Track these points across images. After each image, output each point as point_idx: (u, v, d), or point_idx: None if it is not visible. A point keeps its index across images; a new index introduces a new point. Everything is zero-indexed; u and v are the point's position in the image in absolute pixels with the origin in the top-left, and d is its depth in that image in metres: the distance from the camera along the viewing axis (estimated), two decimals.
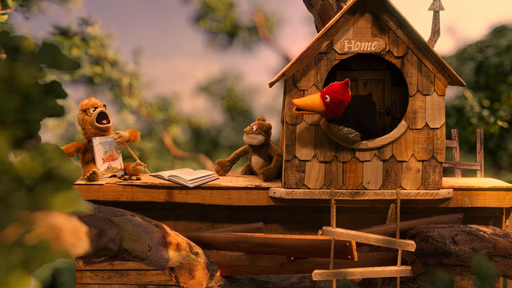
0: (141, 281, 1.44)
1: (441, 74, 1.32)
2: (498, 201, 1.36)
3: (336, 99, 1.18)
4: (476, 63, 3.35)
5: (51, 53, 0.58)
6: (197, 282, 1.21)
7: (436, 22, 1.34)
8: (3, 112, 0.52)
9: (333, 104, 1.18)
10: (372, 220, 1.39)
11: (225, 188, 1.37)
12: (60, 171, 0.50)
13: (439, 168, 1.33)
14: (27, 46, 0.55)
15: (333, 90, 1.20)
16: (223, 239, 1.30)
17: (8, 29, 0.53)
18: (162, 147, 4.18)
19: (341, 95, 1.19)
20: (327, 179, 1.33)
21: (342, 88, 1.20)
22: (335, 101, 1.18)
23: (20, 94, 0.54)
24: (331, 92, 1.20)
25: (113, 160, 1.49)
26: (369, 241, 1.23)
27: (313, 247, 1.26)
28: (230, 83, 6.37)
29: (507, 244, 1.11)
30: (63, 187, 0.50)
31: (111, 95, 3.67)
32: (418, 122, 1.33)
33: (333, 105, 1.18)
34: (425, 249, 1.23)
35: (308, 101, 1.19)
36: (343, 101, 1.20)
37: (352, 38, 1.30)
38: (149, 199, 1.37)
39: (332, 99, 1.18)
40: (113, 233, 0.87)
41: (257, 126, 1.47)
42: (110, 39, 3.43)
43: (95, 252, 0.80)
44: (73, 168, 0.51)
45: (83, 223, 0.75)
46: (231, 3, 5.46)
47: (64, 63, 0.59)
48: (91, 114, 1.46)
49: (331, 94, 1.19)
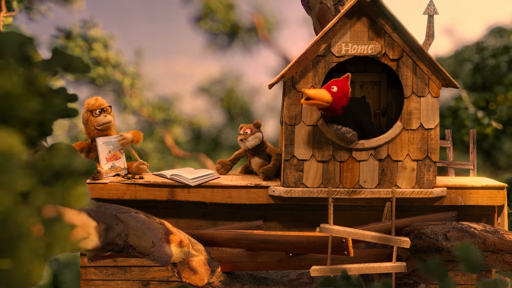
0: (144, 277, 1.48)
1: (435, 77, 1.36)
2: (490, 199, 1.40)
3: (342, 88, 1.27)
4: (473, 64, 3.39)
5: (65, 58, 0.62)
6: (199, 277, 1.25)
7: (430, 25, 1.38)
8: (21, 112, 0.56)
9: (340, 93, 1.26)
10: (368, 218, 1.43)
11: (225, 187, 1.41)
12: (75, 166, 0.54)
13: (433, 167, 1.37)
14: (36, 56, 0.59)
15: (338, 82, 1.29)
16: (224, 236, 1.34)
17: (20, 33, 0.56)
18: (163, 147, 4.22)
19: (346, 87, 1.28)
20: (325, 178, 1.37)
21: (345, 82, 1.29)
22: (342, 91, 1.26)
23: (38, 96, 0.58)
24: (337, 83, 1.28)
25: (116, 160, 1.52)
26: (366, 238, 1.27)
27: (311, 243, 1.30)
28: (230, 84, 6.41)
29: (496, 240, 1.15)
30: (78, 182, 0.54)
31: (113, 96, 3.70)
32: (413, 123, 1.37)
33: (340, 94, 1.26)
34: (419, 245, 1.27)
35: (318, 91, 1.26)
36: (347, 92, 1.28)
37: (349, 41, 1.35)
38: (152, 197, 1.41)
39: (339, 88, 1.26)
40: (120, 229, 0.91)
41: (249, 128, 1.51)
42: (113, 40, 3.47)
43: (103, 247, 0.84)
44: (86, 162, 0.55)
45: (92, 219, 0.79)
46: (231, 4, 5.50)
47: (77, 67, 0.63)
48: (97, 115, 1.49)
49: (338, 84, 1.28)
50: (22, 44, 0.56)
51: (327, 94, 1.25)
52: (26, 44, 0.56)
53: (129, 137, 1.51)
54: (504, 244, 1.14)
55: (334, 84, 1.27)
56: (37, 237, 0.49)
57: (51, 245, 0.47)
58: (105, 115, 1.49)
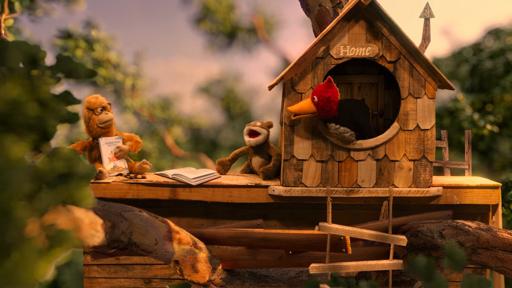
0: (146, 275, 1.51)
1: (432, 78, 1.39)
2: (485, 198, 1.43)
3: (322, 97, 1.27)
4: (471, 66, 3.42)
5: (68, 64, 0.65)
6: (200, 275, 1.27)
7: (426, 28, 1.41)
8: (26, 118, 0.58)
9: (321, 102, 1.27)
10: (366, 217, 1.46)
11: (226, 186, 1.43)
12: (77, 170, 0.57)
13: (430, 167, 1.40)
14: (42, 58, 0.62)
15: (318, 90, 1.30)
16: (225, 235, 1.37)
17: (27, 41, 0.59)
18: (164, 147, 4.24)
19: (326, 92, 1.28)
20: (324, 178, 1.40)
21: (326, 86, 1.29)
22: (323, 99, 1.27)
23: (40, 102, 0.60)
24: (316, 92, 1.30)
25: (118, 160, 1.55)
26: (363, 236, 1.30)
27: (310, 242, 1.32)
28: (229, 84, 6.43)
29: (489, 237, 1.18)
30: (81, 184, 0.56)
31: (114, 96, 3.72)
32: (410, 123, 1.40)
33: (322, 103, 1.27)
34: (415, 243, 1.30)
35: (301, 105, 1.28)
36: (329, 98, 1.28)
37: (347, 44, 1.38)
38: (154, 196, 1.43)
39: (319, 97, 1.27)
40: (124, 226, 0.93)
41: (260, 122, 1.54)
42: (114, 41, 3.49)
43: (109, 244, 0.87)
44: (88, 167, 0.57)
45: (99, 217, 0.82)
46: (230, 5, 5.53)
47: (81, 73, 0.66)
48: (98, 113, 1.50)
49: (317, 94, 1.29)
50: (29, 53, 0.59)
51: (310, 105, 1.28)
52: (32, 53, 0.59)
53: (125, 149, 1.53)
54: (497, 241, 1.17)
55: (315, 94, 1.29)
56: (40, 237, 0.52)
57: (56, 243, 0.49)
58: (106, 112, 1.51)
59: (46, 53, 0.60)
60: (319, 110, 1.28)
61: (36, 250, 0.49)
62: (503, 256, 1.15)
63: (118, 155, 1.51)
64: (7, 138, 0.49)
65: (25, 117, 0.57)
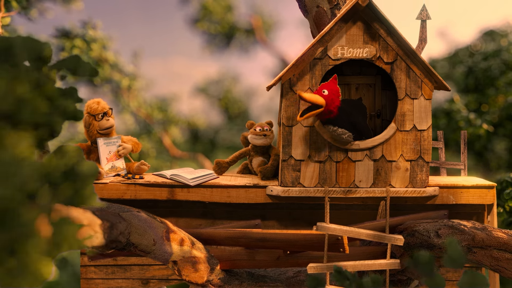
0: (144, 276, 1.50)
1: (428, 79, 1.41)
2: (481, 198, 1.44)
3: (332, 90, 1.31)
4: (466, 67, 3.46)
5: (74, 61, 0.65)
6: (199, 275, 1.27)
7: (423, 30, 1.42)
8: (33, 115, 0.58)
9: (331, 95, 1.30)
10: (363, 217, 1.47)
11: (224, 187, 1.44)
12: (81, 168, 0.57)
13: (426, 167, 1.41)
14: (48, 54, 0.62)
15: (327, 85, 1.33)
16: (223, 235, 1.37)
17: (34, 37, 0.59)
18: (161, 147, 4.23)
19: (336, 87, 1.33)
20: (321, 178, 1.40)
21: (334, 82, 1.35)
22: (333, 92, 1.30)
23: (47, 99, 0.60)
24: (326, 86, 1.33)
25: (116, 160, 1.55)
26: (361, 236, 1.31)
27: (308, 241, 1.33)
28: (227, 85, 6.43)
29: (484, 237, 1.20)
30: (85, 182, 0.56)
31: (111, 96, 3.71)
32: (407, 124, 1.41)
33: (332, 96, 1.30)
34: (412, 242, 1.31)
35: (312, 95, 1.30)
36: (337, 92, 1.33)
37: (345, 45, 1.39)
38: (152, 197, 1.43)
39: (330, 91, 1.31)
40: (123, 227, 0.93)
41: (267, 126, 1.55)
42: (111, 41, 3.48)
43: (107, 244, 0.87)
44: (92, 166, 0.57)
45: (97, 217, 0.82)
46: (228, 5, 5.54)
47: (85, 70, 0.66)
48: (99, 119, 1.49)
49: (327, 87, 1.32)
50: (35, 49, 0.59)
51: (320, 98, 1.30)
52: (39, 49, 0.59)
53: (129, 147, 1.53)
54: (492, 240, 1.19)
55: (324, 88, 1.31)
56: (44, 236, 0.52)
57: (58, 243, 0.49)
58: (107, 118, 1.50)
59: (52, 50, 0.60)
60: (328, 102, 1.29)
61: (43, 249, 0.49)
62: (498, 255, 1.16)
63: (121, 153, 1.50)
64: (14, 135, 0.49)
65: (33, 114, 0.56)
